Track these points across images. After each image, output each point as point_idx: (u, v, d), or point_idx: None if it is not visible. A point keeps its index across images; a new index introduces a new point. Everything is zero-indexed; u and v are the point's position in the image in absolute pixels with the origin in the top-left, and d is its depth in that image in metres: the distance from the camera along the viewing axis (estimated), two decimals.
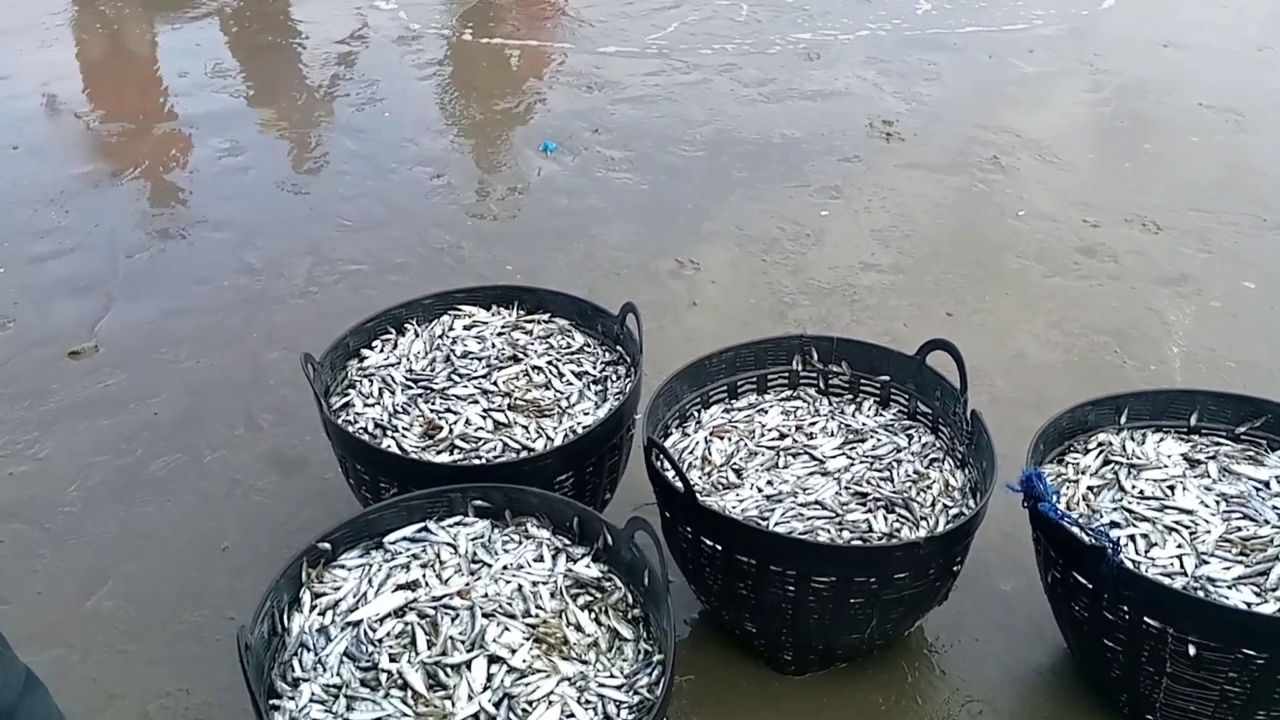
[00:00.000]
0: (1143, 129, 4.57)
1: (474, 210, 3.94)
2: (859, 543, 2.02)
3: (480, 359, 2.46)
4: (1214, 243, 3.71)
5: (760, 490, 2.16)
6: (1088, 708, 2.10)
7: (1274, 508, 1.99)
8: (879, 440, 2.29)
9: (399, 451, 2.22)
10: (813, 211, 3.95)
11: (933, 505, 2.12)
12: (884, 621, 2.03)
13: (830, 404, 2.43)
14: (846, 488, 2.15)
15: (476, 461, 2.20)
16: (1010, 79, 5.09)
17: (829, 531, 2.05)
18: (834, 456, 2.25)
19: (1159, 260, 3.60)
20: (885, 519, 2.08)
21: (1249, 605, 1.79)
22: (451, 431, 2.27)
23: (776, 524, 2.06)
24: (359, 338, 2.51)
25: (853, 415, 2.38)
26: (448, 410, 2.33)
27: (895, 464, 2.22)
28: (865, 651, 2.16)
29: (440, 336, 2.53)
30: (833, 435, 2.31)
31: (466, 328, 2.56)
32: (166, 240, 3.78)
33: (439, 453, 2.23)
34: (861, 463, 2.23)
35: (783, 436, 2.32)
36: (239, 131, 4.56)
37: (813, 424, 2.35)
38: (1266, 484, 2.06)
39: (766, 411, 2.40)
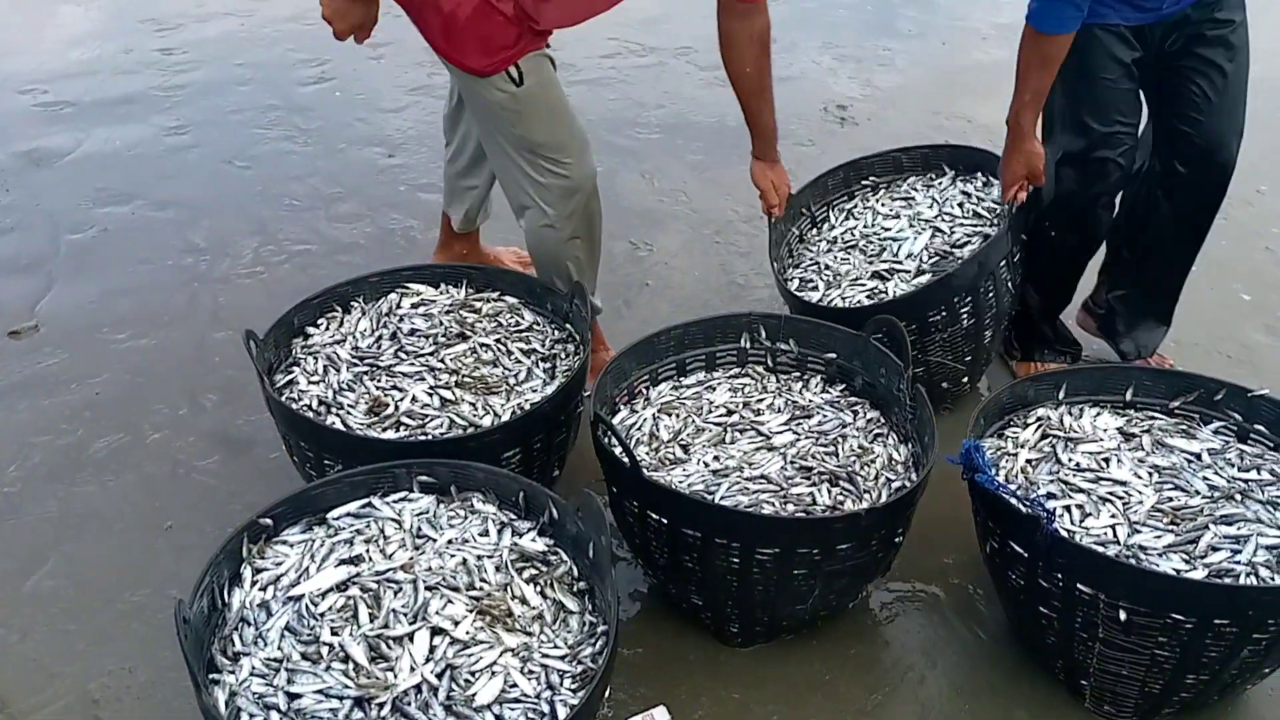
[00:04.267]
0: None
1: (426, 191, 3.91)
2: (803, 515, 2.04)
3: (428, 336, 2.45)
4: None
5: (707, 465, 2.17)
6: (1026, 675, 2.14)
7: (1204, 479, 2.04)
8: (825, 416, 2.31)
9: (343, 428, 2.21)
10: None
11: (876, 479, 2.15)
12: (827, 592, 2.06)
13: (778, 381, 2.45)
14: (792, 462, 2.17)
15: (422, 438, 2.20)
16: (964, 66, 5.13)
17: (774, 505, 2.06)
18: (780, 432, 2.27)
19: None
20: (829, 492, 2.10)
21: (1178, 572, 1.83)
22: (397, 408, 2.26)
23: (722, 498, 2.07)
24: (304, 315, 2.49)
25: (799, 392, 2.40)
26: (394, 387, 2.32)
27: (840, 439, 2.24)
28: (810, 623, 2.18)
29: (387, 314, 2.52)
30: (779, 412, 2.33)
31: (414, 305, 2.55)
32: (110, 219, 3.71)
33: (384, 429, 2.23)
34: (807, 438, 2.25)
35: (730, 413, 2.33)
36: (185, 109, 4.50)
37: (760, 401, 2.37)
38: (1198, 456, 2.11)
39: (714, 388, 2.42)
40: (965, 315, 2.56)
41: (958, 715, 2.08)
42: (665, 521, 2.01)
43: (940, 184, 2.93)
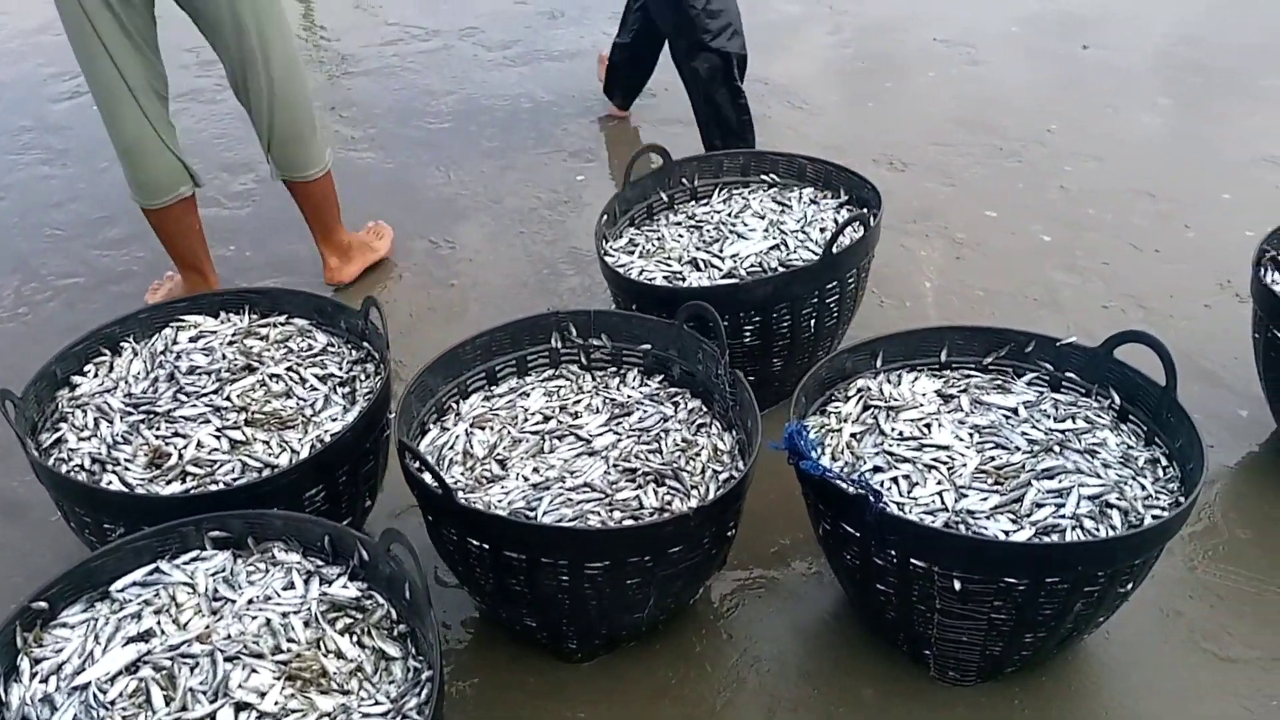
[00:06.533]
0: (883, 68, 4.68)
1: (204, 204, 3.63)
2: (630, 522, 1.95)
3: (209, 373, 2.25)
4: (955, 175, 3.83)
5: (526, 479, 2.06)
6: (871, 650, 2.11)
7: (1023, 434, 2.05)
8: (645, 412, 2.23)
9: (121, 487, 2.00)
10: (569, 177, 3.86)
11: (703, 472, 2.07)
12: (664, 596, 1.98)
13: (594, 379, 2.35)
14: (615, 465, 2.08)
15: (212, 488, 2.01)
16: (753, 26, 5.10)
17: (600, 514, 1.97)
18: (600, 434, 2.17)
19: (906, 198, 3.68)
20: (656, 493, 2.02)
21: (1006, 534, 1.83)
22: (181, 457, 2.06)
23: (545, 513, 1.96)
24: (67, 364, 2.25)
25: (617, 388, 2.31)
26: (175, 434, 2.11)
27: (663, 434, 2.16)
28: (651, 628, 2.11)
29: (162, 352, 2.30)
30: (598, 412, 2.23)
31: (192, 339, 2.34)
32: None
33: (169, 483, 2.02)
34: (628, 437, 2.16)
35: (547, 419, 2.22)
36: None
37: (577, 402, 2.26)
38: (1015, 411, 2.11)
39: (528, 394, 2.30)
40: (749, 334, 2.49)
41: (806, 700, 2.04)
42: (487, 546, 1.89)
43: (824, 204, 2.84)
